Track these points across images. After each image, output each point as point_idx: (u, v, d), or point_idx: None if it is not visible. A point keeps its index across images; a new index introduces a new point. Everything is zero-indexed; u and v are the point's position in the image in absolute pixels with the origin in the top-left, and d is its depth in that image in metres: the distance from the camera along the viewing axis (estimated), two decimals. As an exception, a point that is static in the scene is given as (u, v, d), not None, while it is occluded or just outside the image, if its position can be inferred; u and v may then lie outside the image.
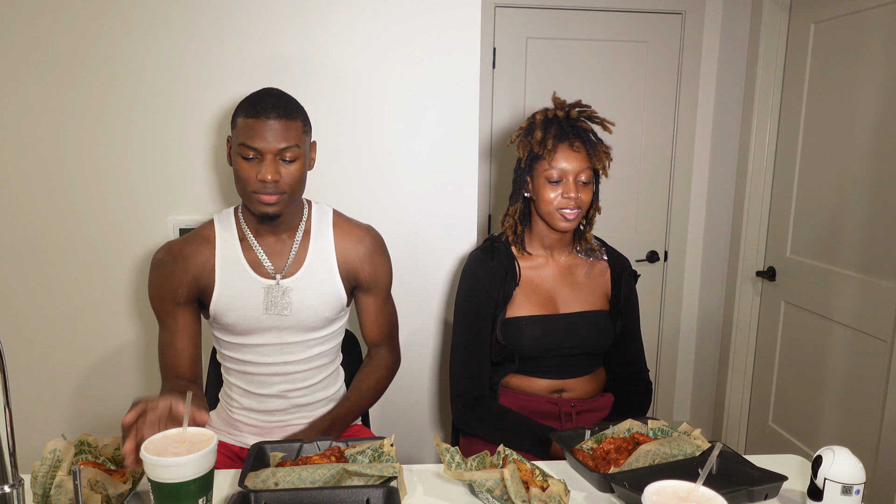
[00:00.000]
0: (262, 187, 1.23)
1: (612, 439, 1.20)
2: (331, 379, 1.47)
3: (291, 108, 1.25)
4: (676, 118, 2.76)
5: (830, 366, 2.26)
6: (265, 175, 1.21)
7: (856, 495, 0.98)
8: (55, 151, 1.67)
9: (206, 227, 1.37)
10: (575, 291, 1.54)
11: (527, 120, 1.49)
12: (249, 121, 1.21)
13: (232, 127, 1.28)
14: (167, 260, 1.32)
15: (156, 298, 1.33)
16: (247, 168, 1.23)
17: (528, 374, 1.52)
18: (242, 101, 1.28)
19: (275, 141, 1.22)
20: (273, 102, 1.23)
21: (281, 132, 1.22)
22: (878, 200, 2.04)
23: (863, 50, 2.09)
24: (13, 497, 0.80)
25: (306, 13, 1.68)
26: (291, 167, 1.25)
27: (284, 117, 1.22)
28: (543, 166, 1.44)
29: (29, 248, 1.71)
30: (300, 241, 1.36)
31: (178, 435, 0.95)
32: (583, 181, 1.44)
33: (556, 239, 1.53)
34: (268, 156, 1.22)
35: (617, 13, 2.64)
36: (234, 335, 1.36)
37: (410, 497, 1.09)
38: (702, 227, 2.87)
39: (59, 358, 1.78)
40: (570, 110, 1.47)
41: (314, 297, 1.35)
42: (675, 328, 2.94)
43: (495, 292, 1.48)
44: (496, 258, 1.50)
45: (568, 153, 1.42)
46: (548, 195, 1.44)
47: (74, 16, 1.61)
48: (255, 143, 1.21)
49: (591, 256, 1.58)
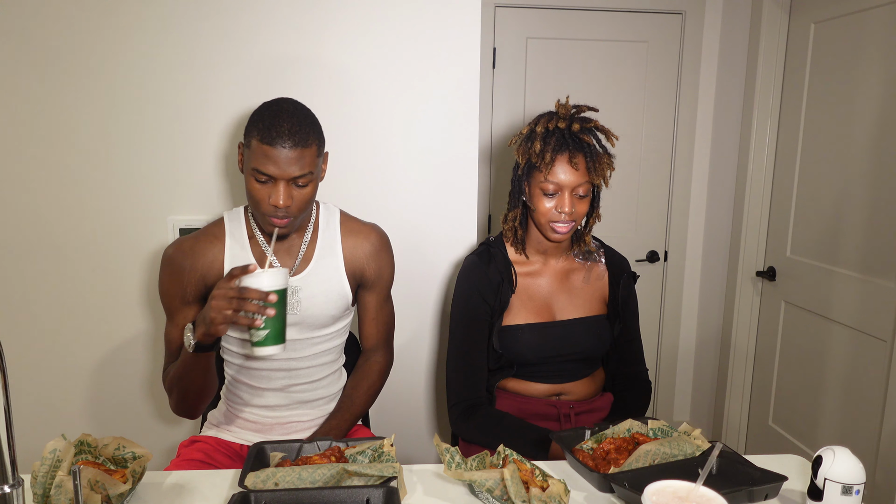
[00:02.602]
0: (273, 211, 1.24)
1: (612, 439, 1.20)
2: (333, 377, 1.48)
3: (306, 133, 1.23)
4: (676, 118, 2.76)
5: (830, 366, 2.26)
6: (277, 201, 1.22)
7: (856, 495, 0.98)
8: (55, 152, 1.67)
9: (217, 224, 1.38)
10: (572, 297, 1.52)
11: (528, 125, 1.45)
12: (265, 147, 1.20)
13: (245, 140, 1.26)
14: (176, 258, 1.32)
15: (165, 295, 1.35)
16: (259, 189, 1.24)
17: (525, 379, 1.51)
18: (257, 114, 1.24)
19: (289, 169, 1.21)
20: (289, 127, 1.20)
21: (295, 160, 1.21)
22: (878, 200, 2.04)
23: (863, 50, 2.09)
24: (13, 497, 0.80)
25: (307, 15, 1.68)
26: (304, 190, 1.26)
27: (300, 146, 1.21)
28: (540, 178, 1.40)
29: (29, 248, 1.71)
30: (308, 240, 1.38)
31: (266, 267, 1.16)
32: (580, 195, 1.40)
33: (553, 246, 1.51)
34: (281, 182, 1.22)
35: (617, 13, 2.64)
36: (240, 331, 1.37)
37: (410, 497, 1.09)
38: (702, 227, 2.87)
39: (59, 358, 1.78)
40: (573, 122, 1.41)
41: (321, 295, 1.37)
42: (675, 328, 2.94)
43: (491, 298, 1.47)
44: (492, 264, 1.48)
45: (566, 167, 1.37)
46: (542, 206, 1.41)
47: (76, 17, 1.61)
48: (268, 170, 1.21)
49: (589, 259, 1.56)
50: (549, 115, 1.44)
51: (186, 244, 1.34)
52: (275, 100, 1.28)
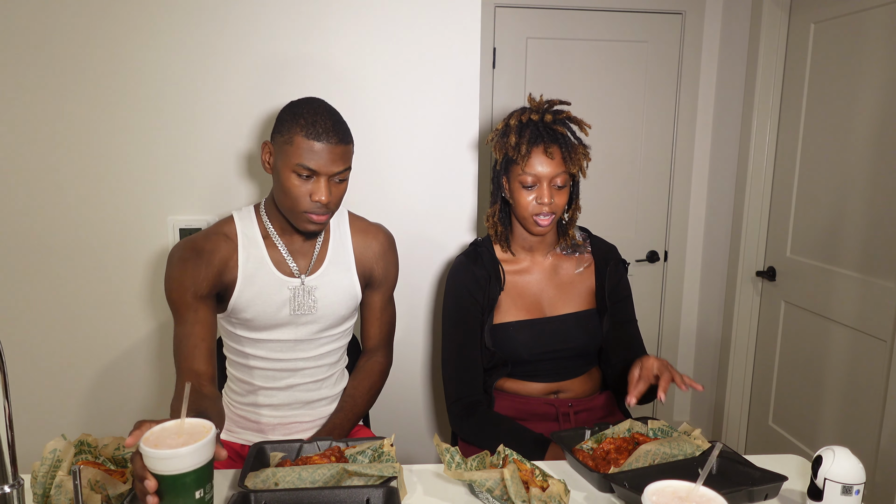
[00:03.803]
0: (314, 207, 1.26)
1: (612, 439, 1.20)
2: (336, 378, 1.49)
3: (346, 130, 1.28)
4: (676, 118, 2.76)
5: (830, 366, 2.26)
6: (320, 196, 1.25)
7: (856, 495, 0.98)
8: (55, 152, 1.67)
9: (226, 223, 1.37)
10: (560, 293, 1.53)
11: (503, 121, 1.47)
12: (311, 142, 1.23)
13: (279, 139, 1.26)
14: (189, 254, 1.29)
15: (176, 292, 1.29)
16: (299, 185, 1.25)
17: (522, 378, 1.51)
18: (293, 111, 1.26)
19: (333, 164, 1.25)
20: (332, 124, 1.25)
21: (340, 156, 1.25)
22: (878, 200, 2.04)
23: (863, 50, 2.09)
24: (13, 497, 0.81)
25: (307, 14, 1.68)
26: (341, 186, 1.30)
27: (343, 142, 1.26)
28: (517, 171, 1.42)
29: (28, 248, 1.71)
30: (322, 241, 1.40)
31: (176, 427, 0.94)
32: (558, 185, 1.42)
33: (537, 241, 1.52)
34: (323, 177, 1.25)
35: (617, 13, 2.64)
36: (250, 330, 1.37)
37: (410, 497, 1.09)
38: (702, 227, 2.87)
39: (59, 358, 1.78)
40: (545, 114, 1.43)
41: (333, 294, 1.38)
42: (675, 328, 2.94)
43: (480, 296, 1.47)
44: (479, 262, 1.50)
45: (542, 158, 1.40)
46: (523, 199, 1.43)
47: (76, 16, 1.61)
48: (314, 164, 1.23)
49: (577, 252, 1.56)
50: (521, 110, 1.47)
51: (198, 242, 1.31)
52: (306, 98, 1.30)
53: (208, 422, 0.96)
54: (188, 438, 0.92)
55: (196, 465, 0.90)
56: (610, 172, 2.75)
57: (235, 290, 1.32)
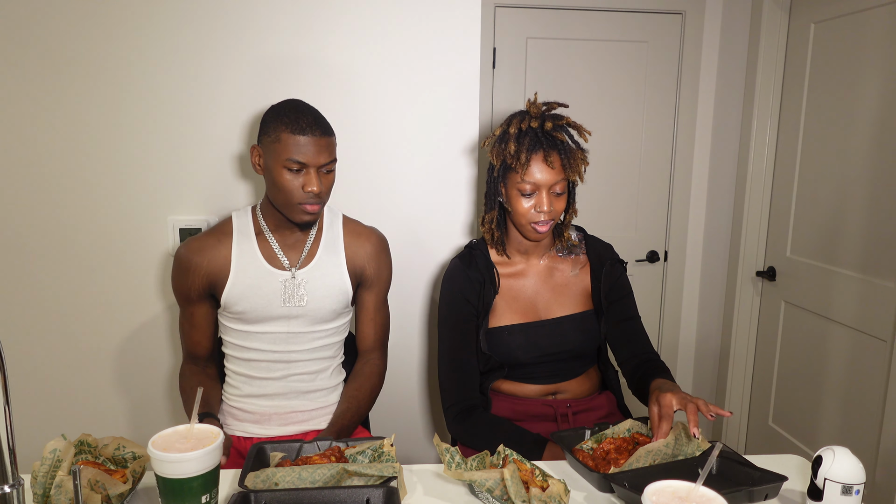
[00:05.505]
0: (307, 198, 1.33)
1: (612, 439, 1.20)
2: (332, 371, 1.52)
3: (327, 124, 1.36)
4: (676, 118, 2.76)
5: (830, 366, 2.26)
6: (312, 187, 1.32)
7: (856, 495, 0.98)
8: (56, 152, 1.67)
9: (226, 223, 1.46)
10: (556, 295, 1.52)
11: (500, 126, 1.44)
12: (296, 137, 1.30)
13: (266, 140, 1.33)
14: (184, 258, 1.40)
15: (175, 291, 1.44)
16: (291, 180, 1.32)
17: (518, 381, 1.51)
18: (277, 112, 1.33)
19: (319, 156, 1.32)
20: (315, 120, 1.33)
21: (325, 147, 1.33)
22: (878, 200, 2.04)
23: (863, 50, 2.09)
24: (13, 497, 0.80)
25: (306, 14, 1.68)
26: (330, 176, 1.38)
27: (326, 134, 1.34)
28: (516, 178, 1.39)
29: (28, 248, 1.71)
30: (313, 237, 1.46)
31: (185, 431, 0.98)
32: (556, 192, 1.40)
33: (533, 245, 1.51)
34: (312, 169, 1.32)
35: (617, 13, 2.64)
36: (244, 323, 1.42)
37: (410, 497, 1.09)
38: (702, 227, 2.87)
39: (58, 358, 1.78)
40: (545, 121, 1.40)
41: (323, 289, 1.43)
42: (675, 328, 2.94)
43: (475, 300, 1.47)
44: (473, 266, 1.49)
45: (542, 166, 1.38)
46: (521, 207, 1.41)
47: (76, 16, 1.61)
48: (302, 157, 1.31)
49: (573, 253, 1.55)
50: (520, 115, 1.44)
51: (196, 243, 1.42)
52: (286, 100, 1.38)
53: (216, 428, 0.99)
54: (196, 443, 0.94)
55: (203, 469, 0.92)
56: (610, 172, 2.74)
57: (228, 282, 1.39)
